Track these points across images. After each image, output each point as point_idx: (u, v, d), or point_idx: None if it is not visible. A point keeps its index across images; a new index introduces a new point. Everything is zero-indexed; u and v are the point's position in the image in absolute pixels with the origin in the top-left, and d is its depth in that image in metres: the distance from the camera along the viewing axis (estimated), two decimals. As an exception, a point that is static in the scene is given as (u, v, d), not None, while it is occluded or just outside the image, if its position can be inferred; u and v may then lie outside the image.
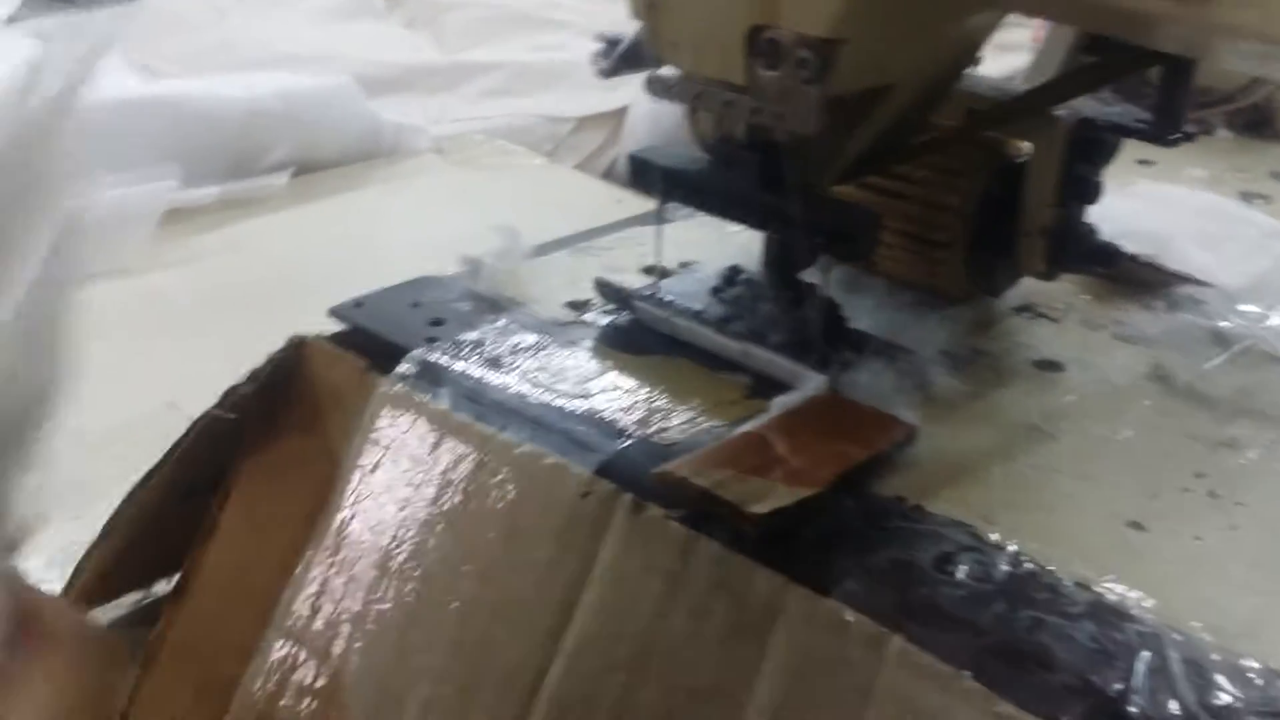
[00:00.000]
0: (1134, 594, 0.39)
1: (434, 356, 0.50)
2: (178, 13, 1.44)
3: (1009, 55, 0.89)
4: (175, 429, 0.70)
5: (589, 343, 0.52)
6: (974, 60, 0.51)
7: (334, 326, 0.54)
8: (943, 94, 0.49)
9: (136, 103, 0.97)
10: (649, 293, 0.53)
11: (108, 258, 0.87)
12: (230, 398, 0.50)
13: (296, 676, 0.47)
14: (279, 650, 0.48)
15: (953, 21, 0.45)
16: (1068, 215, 0.52)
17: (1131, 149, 0.53)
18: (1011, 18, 0.47)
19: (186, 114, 0.98)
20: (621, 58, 0.50)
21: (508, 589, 0.44)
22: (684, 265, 0.59)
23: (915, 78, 0.46)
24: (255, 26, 1.41)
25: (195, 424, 0.50)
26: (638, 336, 0.52)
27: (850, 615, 0.38)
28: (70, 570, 0.55)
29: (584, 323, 0.54)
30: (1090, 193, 0.52)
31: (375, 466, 0.48)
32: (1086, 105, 0.51)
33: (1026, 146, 0.52)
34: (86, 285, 0.86)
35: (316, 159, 1.06)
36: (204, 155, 0.98)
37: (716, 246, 0.60)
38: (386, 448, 0.49)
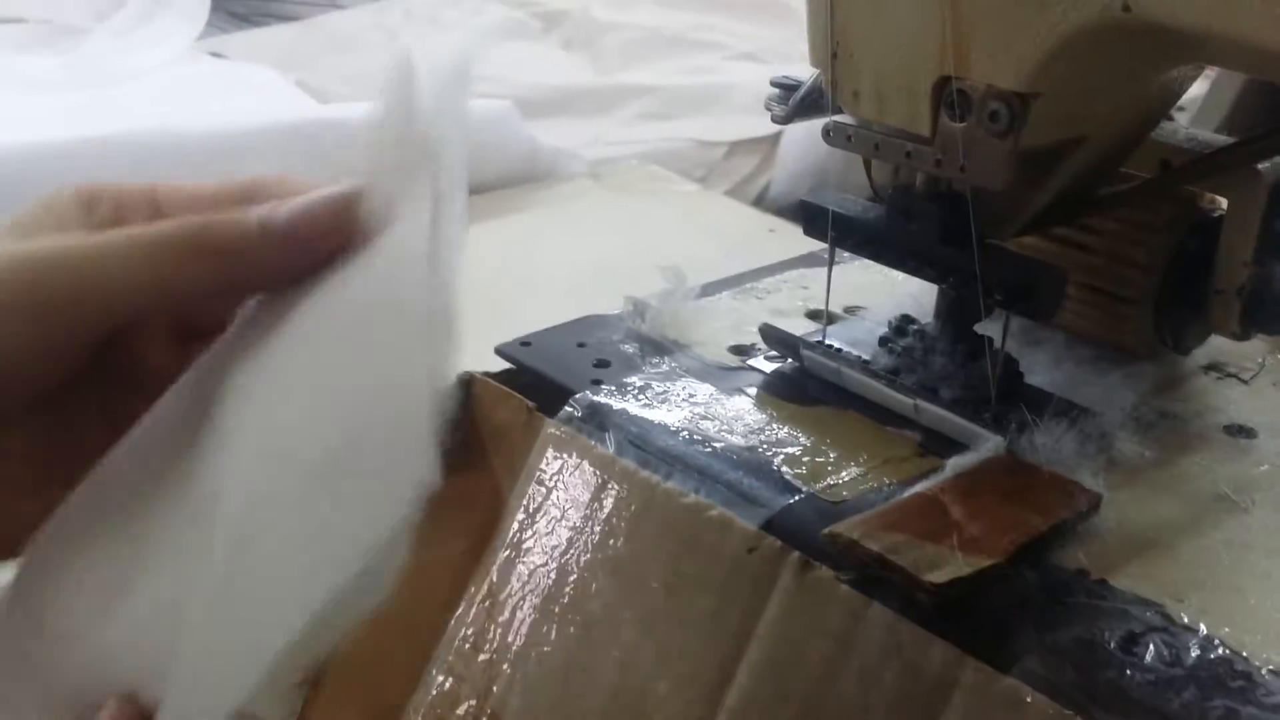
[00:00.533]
0: (1336, 687, 0.36)
1: (599, 399, 0.50)
2: (349, 34, 1.49)
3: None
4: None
5: (754, 390, 0.52)
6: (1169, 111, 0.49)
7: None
8: (1136, 145, 0.47)
9: (309, 124, 1.01)
10: (816, 339, 0.52)
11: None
12: (402, 433, 0.51)
13: (458, 711, 0.48)
14: (441, 683, 0.49)
15: (1151, 74, 0.43)
16: (1266, 273, 0.49)
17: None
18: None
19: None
20: (799, 104, 0.49)
21: (670, 640, 0.44)
22: (849, 310, 0.58)
23: (1109, 130, 0.44)
24: (422, 47, 1.45)
25: (367, 457, 0.51)
26: (804, 385, 0.51)
27: (1030, 695, 0.37)
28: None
29: (749, 368, 0.53)
30: (1291, 250, 0.49)
31: (539, 508, 0.49)
32: (1287, 158, 0.48)
33: (1222, 200, 0.49)
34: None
35: (476, 182, 1.08)
36: (371, 178, 1.00)
37: (883, 291, 0.59)
38: (550, 489, 0.49)
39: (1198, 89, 1.19)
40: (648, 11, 1.58)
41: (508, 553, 0.49)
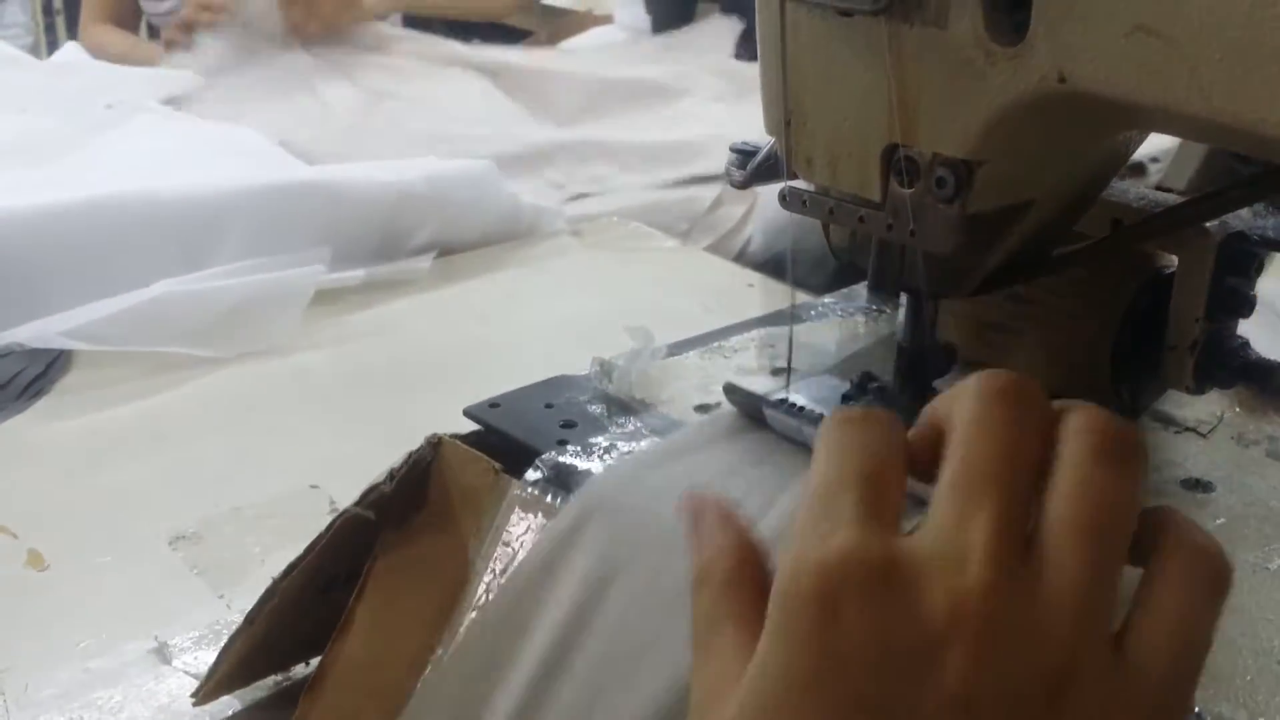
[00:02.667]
0: (1289, 742, 0.37)
1: (565, 460, 0.51)
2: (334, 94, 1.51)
3: (1155, 135, 0.87)
4: (317, 509, 0.73)
5: (718, 449, 0.52)
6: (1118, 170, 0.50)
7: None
8: (1086, 207, 0.48)
9: (294, 187, 1.02)
10: (778, 398, 0.53)
11: (261, 338, 0.92)
12: (369, 496, 0.52)
13: (424, 774, 0.48)
14: (408, 746, 0.49)
15: (1094, 140, 0.45)
16: (1218, 329, 0.50)
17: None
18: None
19: (341, 199, 1.02)
20: (756, 170, 0.50)
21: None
22: (815, 368, 0.59)
23: (1056, 194, 0.46)
24: (401, 109, 1.47)
25: (335, 521, 0.52)
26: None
27: (981, 753, 0.37)
28: (216, 650, 0.57)
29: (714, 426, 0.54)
30: (1242, 306, 0.50)
31: (505, 569, 0.49)
32: (1235, 217, 0.50)
33: (1173, 258, 0.50)
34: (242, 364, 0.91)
35: (458, 241, 1.10)
36: (354, 238, 1.02)
37: (848, 349, 0.60)
38: (516, 550, 0.49)
39: (1170, 141, 1.21)
40: (561, 61, 1.58)
41: (475, 614, 0.49)
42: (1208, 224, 0.49)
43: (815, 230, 0.55)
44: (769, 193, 1.32)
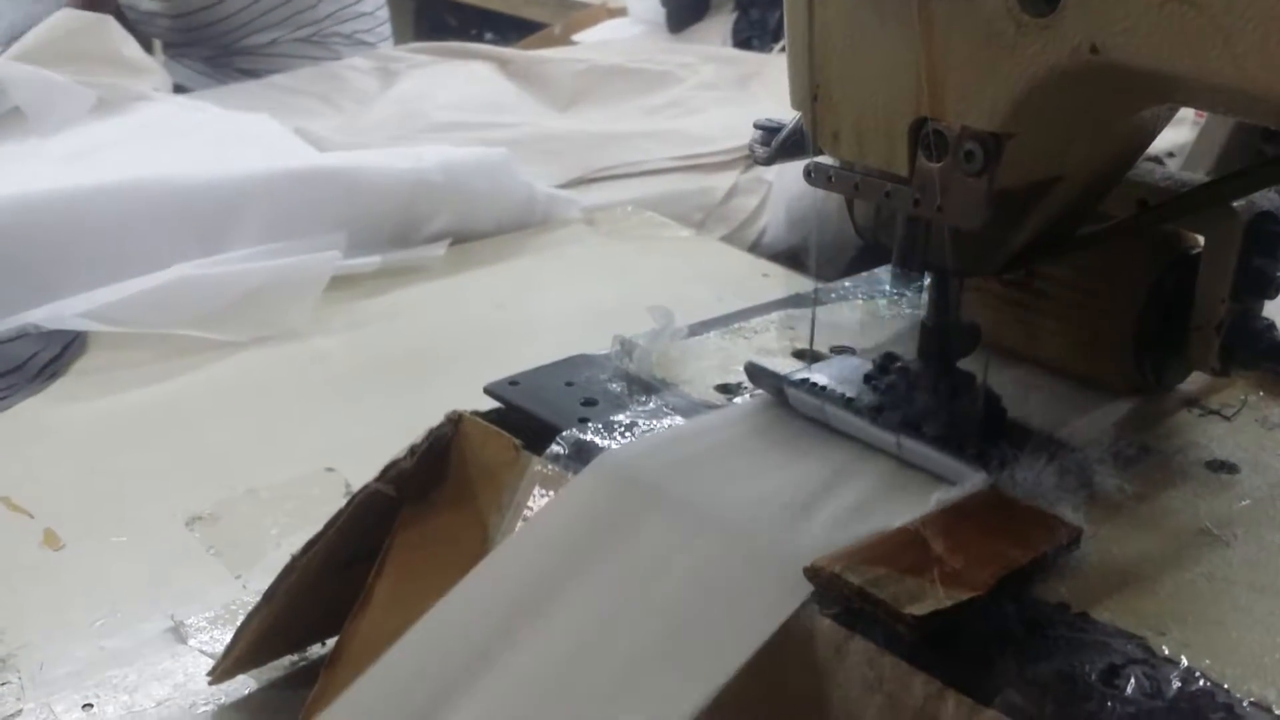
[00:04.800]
0: (1317, 719, 0.37)
1: (586, 437, 0.51)
2: (348, 83, 1.51)
3: (1172, 129, 0.86)
4: (333, 491, 0.73)
5: (740, 427, 0.52)
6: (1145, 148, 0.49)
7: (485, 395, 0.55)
8: (1113, 184, 0.48)
9: (310, 174, 1.02)
10: (800, 378, 0.53)
11: (277, 322, 0.92)
12: (390, 472, 0.52)
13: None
14: None
15: (1123, 114, 0.44)
16: (1244, 310, 0.50)
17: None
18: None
19: (357, 185, 1.02)
20: (781, 146, 0.50)
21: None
22: (835, 349, 0.59)
23: (1084, 170, 0.45)
24: (415, 96, 1.46)
25: (355, 497, 0.52)
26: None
27: (1011, 728, 0.37)
28: (232, 630, 0.57)
29: (735, 407, 0.54)
30: (1268, 287, 0.50)
31: (526, 545, 0.49)
32: (1263, 197, 0.49)
33: (1200, 238, 0.50)
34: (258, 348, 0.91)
35: (473, 229, 1.09)
36: (370, 225, 1.02)
37: (869, 331, 0.60)
38: (538, 526, 0.49)
39: (1187, 135, 1.21)
40: (572, 52, 1.58)
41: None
42: (1234, 204, 0.49)
43: (830, 221, 0.54)
44: (782, 184, 1.32)
